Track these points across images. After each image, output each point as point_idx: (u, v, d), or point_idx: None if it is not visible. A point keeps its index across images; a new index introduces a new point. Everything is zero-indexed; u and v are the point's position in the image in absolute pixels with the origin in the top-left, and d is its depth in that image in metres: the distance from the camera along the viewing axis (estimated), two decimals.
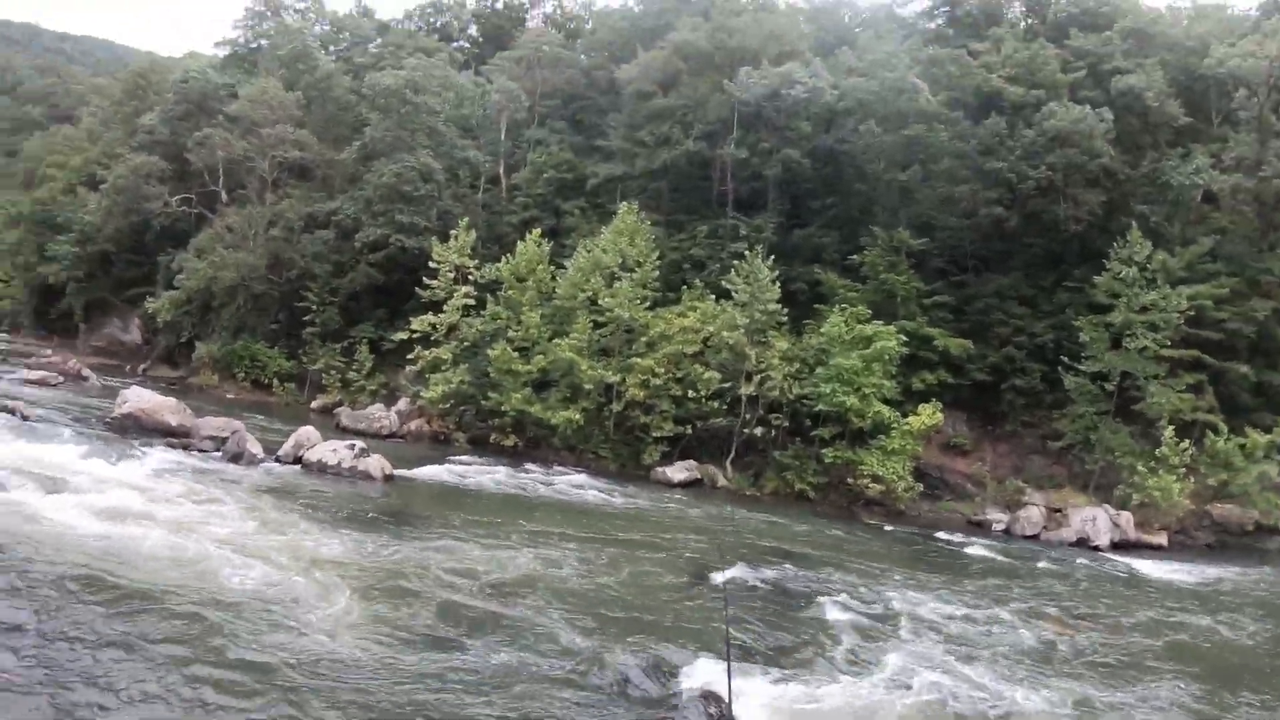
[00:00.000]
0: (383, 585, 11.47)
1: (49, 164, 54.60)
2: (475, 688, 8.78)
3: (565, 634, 10.61)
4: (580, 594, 12.51)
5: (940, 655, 11.55)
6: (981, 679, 10.68)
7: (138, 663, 8.04)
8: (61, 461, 15.34)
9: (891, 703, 9.74)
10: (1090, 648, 12.63)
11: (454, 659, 9.47)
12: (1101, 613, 15.00)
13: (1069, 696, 10.43)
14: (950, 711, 9.65)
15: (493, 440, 27.16)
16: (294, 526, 13.90)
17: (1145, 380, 24.73)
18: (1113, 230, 27.47)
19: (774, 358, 25.91)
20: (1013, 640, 12.67)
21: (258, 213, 35.35)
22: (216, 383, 33.57)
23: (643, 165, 32.39)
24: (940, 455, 28.15)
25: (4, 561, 9.77)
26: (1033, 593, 16.13)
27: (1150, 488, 23.24)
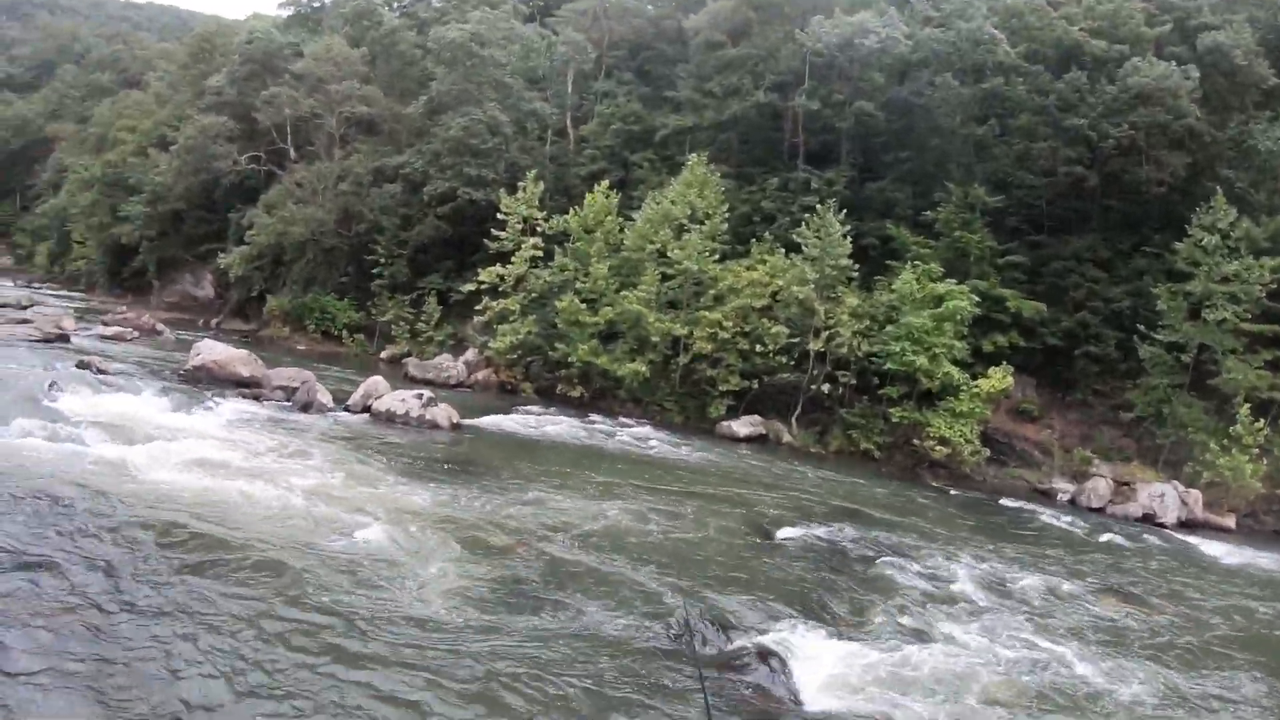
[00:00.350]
0: (451, 533, 11.66)
1: (119, 128, 55.95)
2: (538, 635, 8.94)
3: (629, 587, 10.70)
4: (645, 547, 12.59)
5: (1006, 625, 11.30)
6: (1050, 653, 10.43)
7: (218, 613, 8.27)
8: (137, 413, 15.82)
9: (950, 670, 9.56)
10: (1164, 629, 12.22)
11: (521, 607, 9.69)
12: (1172, 593, 14.46)
13: (1150, 680, 10.05)
14: (1017, 685, 9.41)
15: (559, 391, 27.41)
16: (363, 475, 14.21)
17: (1223, 354, 23.71)
18: (1196, 195, 26.25)
19: (843, 314, 25.52)
20: (1080, 615, 12.33)
21: (326, 168, 35.85)
22: (287, 335, 34.42)
23: (712, 117, 31.84)
24: (1008, 420, 27.54)
25: (84, 512, 10.10)
26: (1099, 567, 15.65)
27: (1221, 467, 22.35)
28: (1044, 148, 27.98)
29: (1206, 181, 26.65)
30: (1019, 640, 10.73)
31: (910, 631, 10.61)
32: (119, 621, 7.80)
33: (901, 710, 8.52)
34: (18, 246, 71.39)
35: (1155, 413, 24.66)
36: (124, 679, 6.95)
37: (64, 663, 7.00)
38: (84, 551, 9.06)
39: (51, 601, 7.95)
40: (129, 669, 7.11)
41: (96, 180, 50.50)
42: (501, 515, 13.02)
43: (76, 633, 7.48)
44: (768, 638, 9.74)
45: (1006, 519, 19.90)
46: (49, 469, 11.43)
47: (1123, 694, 9.59)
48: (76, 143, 64.34)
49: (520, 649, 8.59)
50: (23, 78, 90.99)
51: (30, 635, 7.29)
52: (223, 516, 10.81)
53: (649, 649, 9.10)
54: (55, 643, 7.28)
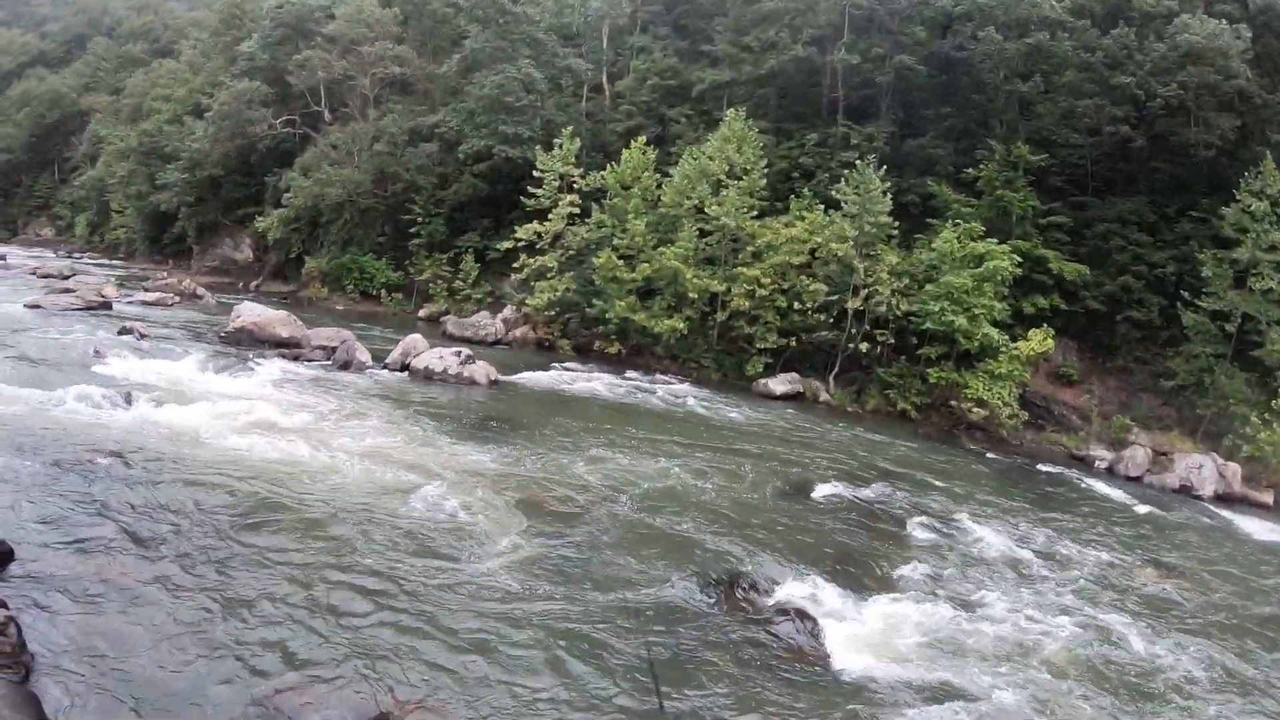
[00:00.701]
0: (491, 491, 11.85)
1: (153, 97, 56.57)
2: (578, 591, 9.09)
3: (666, 544, 10.83)
4: (681, 504, 12.69)
5: (1040, 592, 11.25)
6: (1081, 622, 10.37)
7: (268, 572, 8.44)
8: (181, 375, 16.19)
9: (981, 634, 9.54)
10: (1202, 605, 11.98)
11: (563, 563, 9.86)
12: (1209, 568, 14.15)
13: (1186, 656, 9.88)
14: (1049, 652, 9.36)
15: (596, 347, 27.53)
16: (402, 432, 14.46)
17: (1268, 325, 23.04)
18: (1244, 159, 25.41)
19: (882, 272, 25.19)
20: (1114, 585, 12.17)
21: (361, 129, 35.99)
22: (326, 295, 34.86)
23: (749, 71, 31.39)
24: (1047, 384, 27.14)
25: (132, 472, 10.38)
26: (1134, 538, 15.39)
27: (1262, 440, 21.77)
28: (1089, 106, 27.20)
29: (1256, 145, 25.85)
30: (1052, 607, 10.74)
31: (943, 595, 10.67)
32: (154, 576, 7.98)
33: (931, 672, 8.61)
34: (58, 218, 72.73)
35: (1196, 382, 24.15)
36: (183, 639, 7.12)
37: (117, 620, 7.20)
38: (136, 512, 9.29)
39: (109, 560, 8.17)
40: (187, 627, 7.29)
41: (133, 150, 51.13)
42: (540, 472, 13.22)
43: (132, 590, 7.70)
44: (802, 596, 9.88)
45: (1042, 484, 19.70)
46: (97, 433, 11.73)
47: (1167, 669, 9.50)
48: (111, 114, 65.08)
49: (563, 606, 8.77)
50: (55, 53, 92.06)
51: (85, 594, 7.52)
52: (268, 475, 11.08)
53: (684, 605, 9.26)
54: (112, 597, 7.51)
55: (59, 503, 9.19)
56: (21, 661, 6.23)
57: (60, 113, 74.45)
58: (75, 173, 69.16)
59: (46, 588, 7.49)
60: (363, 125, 36.52)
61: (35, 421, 11.77)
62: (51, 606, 7.22)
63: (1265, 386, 23.19)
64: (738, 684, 7.89)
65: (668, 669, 7.93)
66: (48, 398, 12.92)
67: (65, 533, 8.54)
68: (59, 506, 9.10)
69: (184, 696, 6.41)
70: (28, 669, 6.25)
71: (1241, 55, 25.40)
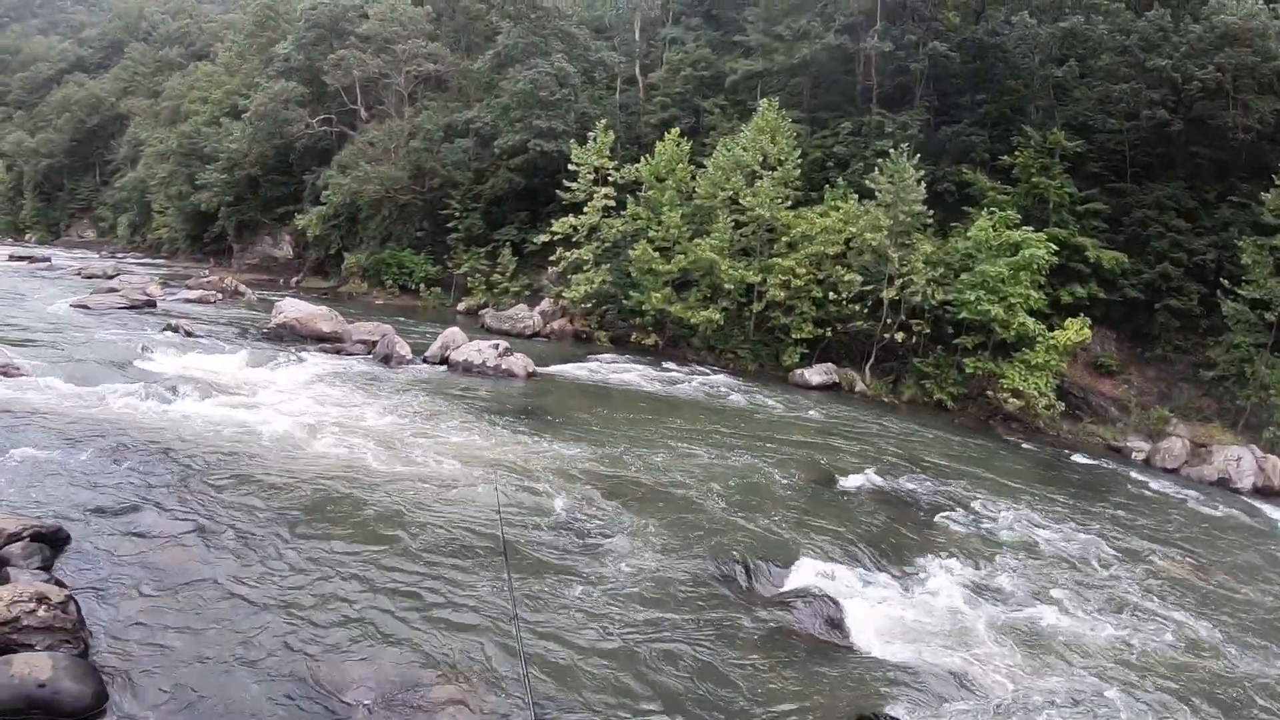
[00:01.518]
0: (519, 479, 12.12)
1: (191, 100, 57.74)
2: (604, 578, 9.27)
3: (693, 531, 10.97)
4: (716, 492, 12.86)
5: (1069, 585, 11.13)
6: (1111, 616, 10.30)
7: (313, 557, 8.74)
8: (225, 370, 16.63)
9: (1005, 626, 9.53)
10: (1237, 602, 11.78)
11: (595, 543, 10.13)
12: (1245, 564, 13.88)
13: (1195, 649, 9.80)
14: (1075, 646, 9.34)
15: (633, 339, 27.81)
16: (442, 422, 14.84)
17: None
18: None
19: (918, 261, 25.07)
20: (1146, 579, 11.98)
21: (397, 126, 36.60)
22: (365, 290, 35.55)
23: (782, 61, 31.27)
24: (1084, 374, 26.83)
25: (180, 463, 10.78)
26: (1170, 531, 15.14)
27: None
28: (1126, 90, 26.72)
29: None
30: (1082, 600, 10.66)
31: (970, 585, 10.61)
32: (200, 566, 8.32)
33: (955, 661, 8.61)
34: (100, 220, 74.69)
35: (1237, 372, 23.62)
36: (230, 617, 7.46)
37: (167, 599, 7.59)
38: (184, 501, 9.70)
39: (159, 544, 8.56)
40: (233, 607, 7.64)
41: (173, 151, 52.37)
42: (574, 459, 13.47)
43: (180, 572, 8.08)
44: (829, 581, 9.95)
45: (1078, 476, 19.49)
46: (145, 426, 12.15)
47: (1194, 664, 9.43)
48: (150, 117, 66.60)
49: (580, 586, 8.98)
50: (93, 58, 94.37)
51: (137, 574, 7.95)
52: (312, 465, 11.42)
53: (711, 587, 9.42)
54: (161, 579, 7.90)
55: (111, 491, 9.65)
56: (80, 637, 6.68)
57: (100, 117, 76.28)
58: (116, 175, 70.91)
59: (100, 569, 7.96)
60: (398, 122, 37.13)
61: (86, 415, 12.26)
62: (105, 587, 7.67)
63: None
64: (760, 666, 8.02)
65: (685, 647, 8.12)
66: (97, 393, 13.43)
67: (117, 519, 9.00)
68: (111, 494, 9.56)
69: (232, 669, 6.79)
70: (86, 644, 6.69)
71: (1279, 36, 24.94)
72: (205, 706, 6.36)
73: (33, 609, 6.52)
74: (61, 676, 6.09)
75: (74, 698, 6.05)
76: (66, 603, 6.78)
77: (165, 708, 6.28)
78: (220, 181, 45.30)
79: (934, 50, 28.88)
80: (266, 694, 6.56)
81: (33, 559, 7.70)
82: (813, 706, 7.54)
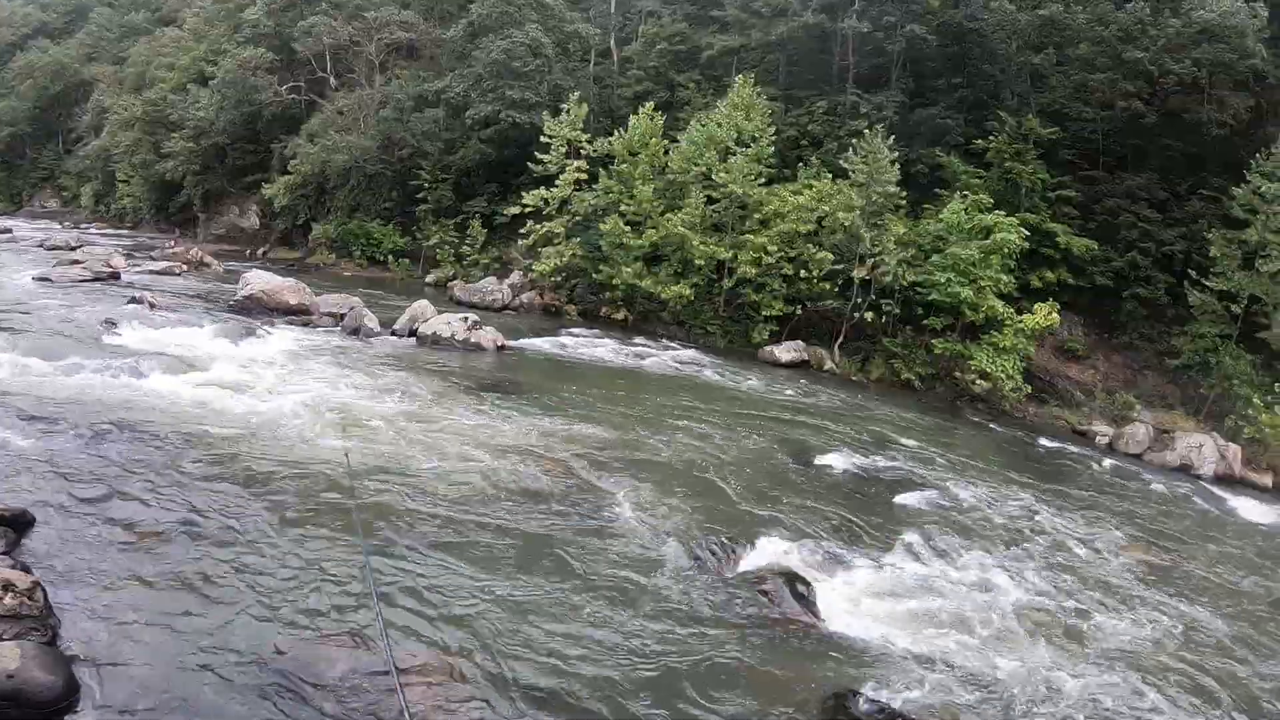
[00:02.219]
0: (495, 453, 11.93)
1: (157, 66, 56.25)
2: (574, 557, 9.13)
3: (666, 509, 10.88)
4: (683, 468, 12.79)
5: (1032, 565, 11.30)
6: (1072, 596, 10.43)
7: (285, 535, 8.54)
8: (191, 344, 16.25)
9: (971, 604, 9.63)
10: (1190, 583, 11.98)
11: (559, 525, 9.92)
12: (1201, 547, 14.16)
13: (1166, 633, 9.94)
14: (1036, 624, 9.44)
15: (603, 313, 27.55)
16: (411, 395, 14.68)
17: (1274, 308, 22.82)
18: (1257, 140, 25.04)
19: (889, 242, 25.04)
20: (1106, 560, 12.18)
21: (367, 95, 35.90)
22: (333, 262, 34.87)
23: (759, 37, 31.19)
24: (1051, 358, 27.07)
25: (147, 440, 10.48)
26: (1131, 514, 15.36)
27: (1263, 423, 21.53)
28: (1102, 80, 26.93)
29: (1269, 126, 25.54)
30: (1045, 578, 10.81)
31: (938, 563, 10.74)
32: (167, 542, 8.10)
33: (921, 638, 8.70)
34: (63, 189, 72.55)
35: (1201, 362, 24.01)
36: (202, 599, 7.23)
37: (138, 584, 7.31)
38: (151, 479, 9.40)
39: (120, 528, 8.25)
40: (205, 589, 7.40)
41: (138, 119, 50.99)
42: (542, 436, 13.27)
43: (146, 556, 7.80)
44: (797, 559, 9.96)
45: (1043, 458, 19.69)
46: (110, 402, 11.80)
47: (1151, 642, 9.60)
48: (115, 84, 64.65)
49: (549, 565, 8.86)
50: (57, 24, 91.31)
51: (106, 558, 7.65)
52: (281, 440, 11.21)
53: (677, 565, 9.32)
54: (130, 561, 7.63)
55: (77, 471, 9.32)
56: (49, 624, 6.40)
57: (63, 84, 73.93)
58: (80, 143, 68.91)
59: (69, 553, 7.64)
60: (369, 91, 36.43)
61: (50, 392, 11.88)
62: (74, 571, 7.37)
63: (1270, 369, 23.01)
64: (728, 643, 7.98)
65: (657, 625, 8.01)
66: (61, 368, 13.02)
67: (84, 500, 8.68)
68: (77, 474, 9.23)
69: (204, 653, 6.57)
70: (54, 631, 6.41)
71: (1258, 34, 25.08)
72: (177, 694, 6.11)
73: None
74: (30, 666, 5.79)
75: (43, 688, 5.76)
76: (33, 589, 6.45)
77: (137, 696, 6.02)
78: (186, 150, 44.19)
79: (912, 33, 28.85)
80: (237, 677, 6.35)
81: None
82: (785, 685, 7.48)
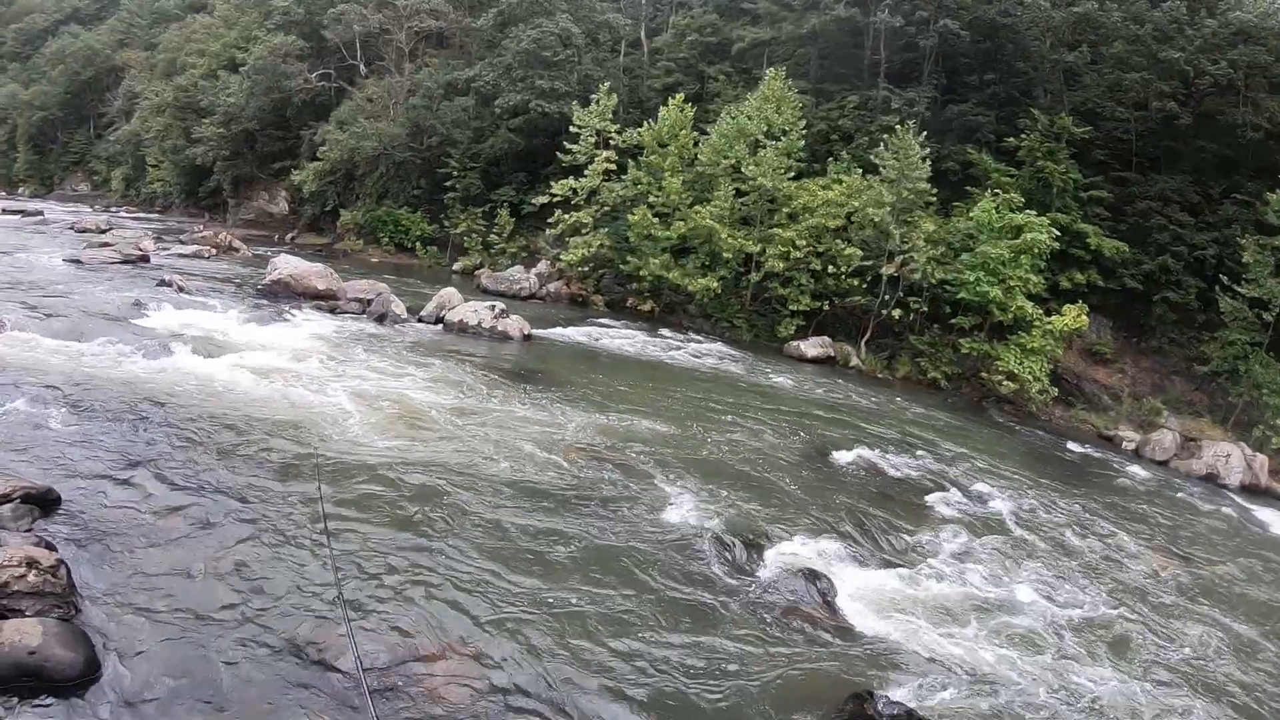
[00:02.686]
0: (519, 441, 11.98)
1: (188, 52, 56.70)
2: (595, 550, 9.15)
3: (688, 503, 10.87)
4: (707, 463, 12.77)
5: (1053, 571, 11.19)
6: (1093, 604, 10.31)
7: (305, 518, 8.58)
8: (219, 327, 16.44)
9: (989, 607, 9.56)
10: (1210, 594, 11.79)
11: (579, 514, 9.94)
12: (1224, 559, 13.94)
13: (1174, 641, 9.82)
14: (1055, 631, 9.36)
15: (629, 304, 27.60)
16: (436, 382, 14.71)
17: None
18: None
19: (918, 239, 24.86)
20: (1127, 569, 12.06)
21: (397, 83, 36.05)
22: (361, 248, 35.08)
23: (790, 30, 30.95)
24: (1079, 361, 26.79)
25: (173, 421, 10.60)
26: (1155, 522, 15.17)
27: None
28: (1136, 79, 26.56)
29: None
30: (1065, 585, 10.72)
31: (959, 566, 10.65)
32: (185, 519, 8.21)
33: (941, 640, 8.66)
34: (93, 173, 73.57)
35: (1230, 369, 23.67)
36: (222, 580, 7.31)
37: (161, 565, 7.40)
38: (177, 460, 9.52)
39: (151, 505, 8.38)
40: (226, 570, 7.47)
41: (168, 105, 51.50)
42: (566, 426, 13.30)
43: (170, 538, 7.89)
44: (818, 557, 9.93)
45: (1068, 462, 19.49)
46: (138, 383, 11.93)
47: (1169, 654, 9.49)
48: (146, 69, 65.34)
49: (571, 556, 8.87)
50: (89, 9, 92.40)
51: (130, 538, 7.75)
52: (306, 424, 11.28)
53: (699, 560, 9.32)
54: (154, 541, 7.73)
55: (103, 450, 9.43)
56: (71, 601, 6.51)
57: (95, 69, 74.82)
58: (110, 128, 69.74)
59: (92, 531, 7.74)
60: (398, 79, 36.59)
61: (78, 372, 12.01)
62: (97, 549, 7.48)
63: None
64: (747, 640, 7.99)
65: (677, 620, 8.02)
66: (90, 349, 13.19)
67: (109, 479, 8.79)
68: (103, 454, 9.34)
69: (224, 635, 6.62)
70: (77, 608, 6.52)
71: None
72: (197, 674, 6.18)
73: (22, 574, 6.33)
74: (52, 643, 5.93)
75: (65, 665, 5.89)
76: (57, 567, 6.59)
77: (157, 674, 6.11)
78: (216, 136, 44.54)
79: (945, 28, 28.52)
80: (260, 659, 6.41)
81: (22, 521, 7.50)
82: (804, 682, 7.49)
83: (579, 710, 6.58)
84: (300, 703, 6.09)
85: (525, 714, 6.45)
